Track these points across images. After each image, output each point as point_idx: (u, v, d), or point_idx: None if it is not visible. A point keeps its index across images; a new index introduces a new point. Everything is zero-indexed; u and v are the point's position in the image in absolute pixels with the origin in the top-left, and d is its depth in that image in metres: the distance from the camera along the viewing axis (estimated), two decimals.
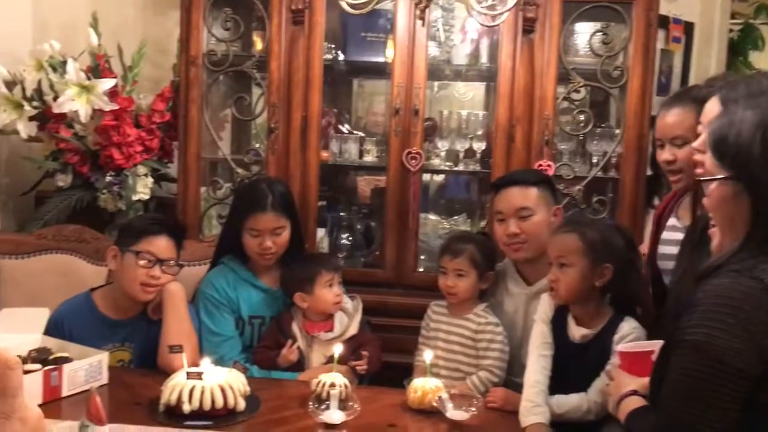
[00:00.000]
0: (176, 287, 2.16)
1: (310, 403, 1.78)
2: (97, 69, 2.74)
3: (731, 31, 3.84)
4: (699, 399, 1.16)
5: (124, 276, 2.14)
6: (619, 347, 1.70)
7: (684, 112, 1.92)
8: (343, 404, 1.79)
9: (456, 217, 3.13)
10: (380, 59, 2.88)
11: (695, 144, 1.65)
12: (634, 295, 2.00)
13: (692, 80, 3.35)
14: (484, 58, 2.85)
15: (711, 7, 3.48)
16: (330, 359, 2.09)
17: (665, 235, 2.06)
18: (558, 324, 1.99)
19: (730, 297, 1.15)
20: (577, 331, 1.95)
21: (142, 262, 2.11)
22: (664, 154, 2.00)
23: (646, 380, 1.42)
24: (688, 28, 3.37)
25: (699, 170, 1.68)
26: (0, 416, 0.68)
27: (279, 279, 2.30)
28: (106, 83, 2.65)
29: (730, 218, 1.23)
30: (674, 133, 1.96)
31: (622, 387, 1.47)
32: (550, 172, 2.62)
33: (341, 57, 2.94)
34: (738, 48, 3.88)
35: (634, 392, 1.43)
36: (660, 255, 2.06)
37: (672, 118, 1.97)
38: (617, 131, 2.71)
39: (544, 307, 2.03)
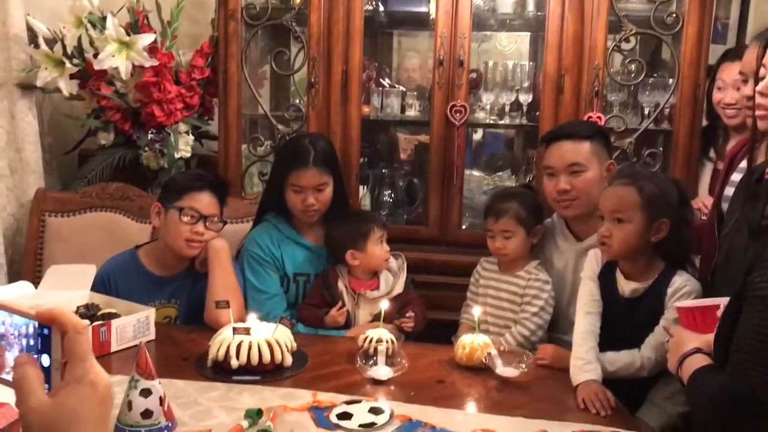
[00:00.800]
0: (221, 243, 2.15)
1: (358, 358, 1.76)
2: (136, 25, 2.71)
3: None
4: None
5: (169, 232, 2.14)
6: (679, 303, 1.63)
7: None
8: (390, 360, 1.78)
9: (500, 173, 3.06)
10: (422, 9, 2.80)
11: (759, 86, 1.55)
12: (688, 249, 1.92)
13: (750, 27, 3.18)
14: (530, 6, 2.75)
15: None
16: (376, 317, 2.07)
17: (735, 176, 1.96)
18: (606, 279, 1.93)
19: None
20: (626, 286, 1.89)
21: (185, 219, 2.10)
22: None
23: (709, 338, 1.35)
24: None
25: (759, 113, 1.59)
26: (71, 380, 0.66)
27: (323, 236, 2.27)
28: (146, 39, 2.62)
29: None
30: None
31: (683, 345, 1.41)
32: (600, 125, 2.52)
33: (381, 8, 2.86)
34: None
35: (698, 350, 1.36)
36: (725, 197, 1.96)
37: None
38: (671, 81, 2.59)
39: (591, 264, 1.97)
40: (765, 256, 1.13)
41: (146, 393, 1.40)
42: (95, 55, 2.64)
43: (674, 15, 2.52)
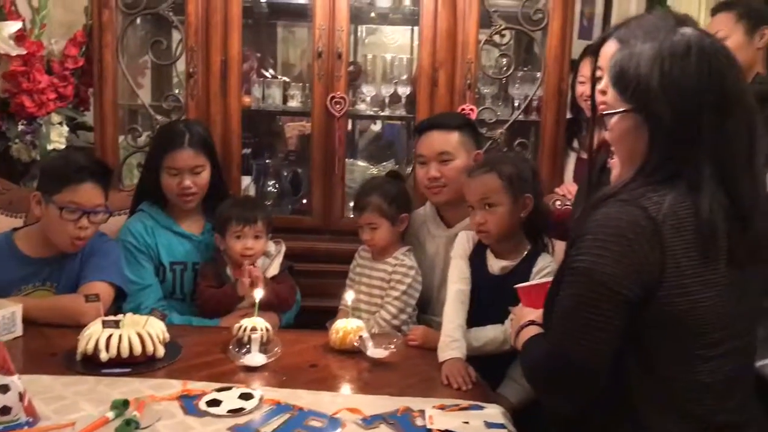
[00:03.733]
0: None
1: (231, 347, 1.79)
2: (2, 11, 2.61)
3: None
4: (584, 323, 1.21)
5: (50, 227, 2.06)
6: (518, 285, 1.71)
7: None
8: (264, 347, 1.81)
9: (384, 163, 3.14)
10: (302, 1, 2.82)
11: (600, 86, 1.68)
12: (544, 222, 2.05)
13: (613, 23, 3.40)
14: (407, 1, 2.82)
15: None
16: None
17: None
18: (477, 258, 2.03)
19: (615, 225, 1.19)
20: (496, 264, 2.00)
21: (67, 216, 2.02)
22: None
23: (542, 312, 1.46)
24: None
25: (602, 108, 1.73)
26: None
27: (201, 225, 2.28)
28: (12, 26, 2.52)
29: (630, 150, 1.26)
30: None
31: (521, 319, 1.52)
32: (473, 116, 2.64)
33: None
34: None
35: (532, 322, 1.47)
36: None
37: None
38: (538, 75, 2.74)
39: (462, 244, 2.06)
40: (581, 233, 1.24)
41: (4, 389, 1.38)
42: None
43: (540, 12, 2.66)
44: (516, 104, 2.77)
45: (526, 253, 2.00)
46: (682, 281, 1.16)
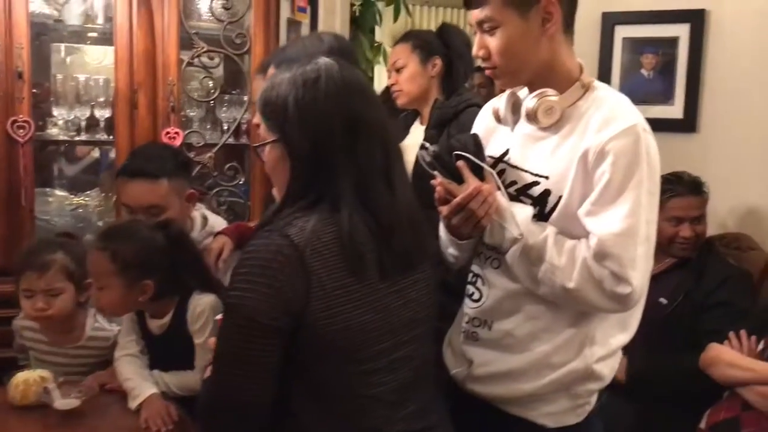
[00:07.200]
0: None
1: None
2: None
3: (353, 5, 4.11)
4: (237, 358, 1.16)
5: None
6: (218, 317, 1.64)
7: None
8: None
9: (88, 192, 2.90)
10: None
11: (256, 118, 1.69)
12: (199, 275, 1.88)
13: None
14: (100, 19, 2.64)
15: None
16: None
17: None
18: (139, 319, 1.88)
19: (260, 257, 1.15)
20: (153, 324, 1.85)
21: None
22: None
23: None
24: None
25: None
26: None
27: None
28: None
29: (282, 179, 1.24)
30: None
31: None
32: (179, 140, 2.55)
33: None
34: (360, 22, 4.17)
35: None
36: None
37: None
38: (245, 98, 2.72)
39: None
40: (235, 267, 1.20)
41: None
42: None
43: (243, 36, 2.66)
44: (225, 127, 2.73)
45: (175, 306, 1.83)
46: (330, 302, 1.15)
